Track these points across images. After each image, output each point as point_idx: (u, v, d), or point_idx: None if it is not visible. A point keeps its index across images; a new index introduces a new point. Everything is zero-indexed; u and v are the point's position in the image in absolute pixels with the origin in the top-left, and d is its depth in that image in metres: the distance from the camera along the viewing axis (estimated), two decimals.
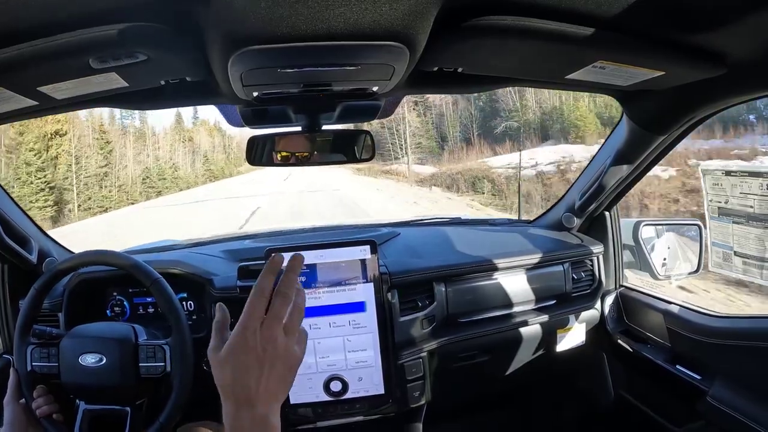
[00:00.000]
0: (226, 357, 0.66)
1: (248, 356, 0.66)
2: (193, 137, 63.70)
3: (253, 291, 0.69)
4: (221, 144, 71.92)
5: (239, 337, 0.67)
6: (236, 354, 0.66)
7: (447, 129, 39.48)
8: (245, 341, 0.66)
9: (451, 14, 0.74)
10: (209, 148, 68.60)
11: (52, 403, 1.19)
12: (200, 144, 65.92)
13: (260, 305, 0.69)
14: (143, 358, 1.21)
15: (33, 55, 0.74)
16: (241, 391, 0.64)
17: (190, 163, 61.70)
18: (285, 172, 35.11)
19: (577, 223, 1.80)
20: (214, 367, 0.67)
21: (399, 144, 38.02)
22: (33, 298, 1.22)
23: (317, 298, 1.34)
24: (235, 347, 0.66)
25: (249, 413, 0.63)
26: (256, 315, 0.68)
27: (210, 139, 69.57)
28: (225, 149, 73.61)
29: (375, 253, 1.36)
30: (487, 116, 37.18)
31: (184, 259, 1.53)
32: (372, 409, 1.40)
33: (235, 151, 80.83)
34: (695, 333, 1.39)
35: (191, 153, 62.69)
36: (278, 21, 0.68)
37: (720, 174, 1.29)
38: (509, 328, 1.61)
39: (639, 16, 0.78)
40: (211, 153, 68.68)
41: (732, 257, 1.29)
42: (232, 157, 75.39)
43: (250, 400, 0.64)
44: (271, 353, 0.66)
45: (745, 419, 1.22)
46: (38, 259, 1.51)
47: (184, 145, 61.03)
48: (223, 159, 71.06)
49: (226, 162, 70.77)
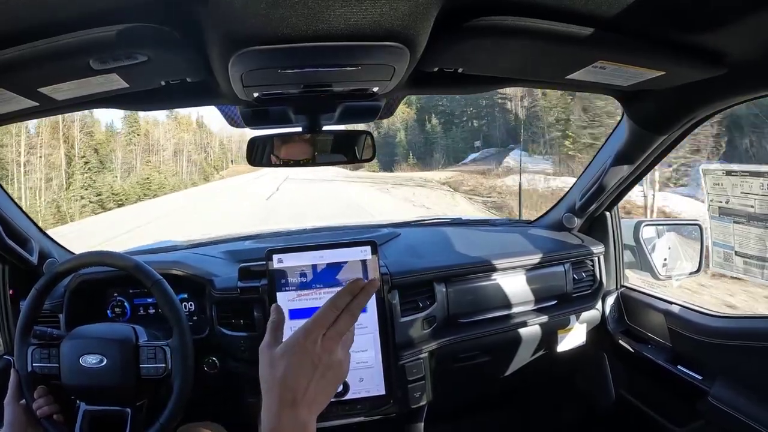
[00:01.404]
0: (281, 355, 0.68)
1: (304, 359, 0.67)
2: (149, 132, 54.46)
3: (328, 303, 0.72)
4: (200, 142, 65.31)
5: (301, 339, 0.69)
6: (293, 354, 0.68)
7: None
8: (305, 345, 0.68)
9: (452, 15, 0.74)
10: (192, 147, 62.91)
11: (53, 404, 1.19)
12: (171, 142, 59.71)
13: (330, 317, 0.71)
14: (144, 359, 1.21)
15: (33, 56, 0.74)
16: (288, 391, 0.65)
17: (157, 165, 53.78)
18: (272, 185, 30.34)
19: (578, 224, 1.80)
20: (266, 364, 0.69)
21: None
22: (34, 299, 1.22)
23: (318, 298, 1.34)
24: (293, 348, 0.68)
25: (291, 414, 0.64)
26: (323, 325, 0.70)
27: (187, 135, 62.35)
28: (204, 148, 67.52)
29: (376, 254, 1.36)
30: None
31: (184, 260, 1.53)
32: (373, 409, 1.40)
33: (216, 151, 74.08)
34: (696, 333, 1.39)
35: (159, 152, 55.38)
36: (279, 21, 0.68)
37: (721, 174, 1.29)
38: (510, 329, 1.61)
39: (639, 16, 0.78)
40: (188, 152, 61.89)
41: (733, 257, 1.29)
42: (212, 159, 69.16)
43: (295, 401, 0.65)
44: (326, 362, 0.68)
45: (746, 419, 1.22)
46: (39, 260, 1.51)
47: (146, 141, 53.26)
48: (202, 160, 65.21)
49: (205, 164, 64.96)
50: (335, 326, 0.71)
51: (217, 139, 76.85)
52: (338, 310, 0.72)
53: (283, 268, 1.34)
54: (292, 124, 1.32)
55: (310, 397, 0.66)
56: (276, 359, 0.68)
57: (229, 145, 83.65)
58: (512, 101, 39.40)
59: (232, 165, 79.77)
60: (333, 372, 0.69)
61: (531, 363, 1.75)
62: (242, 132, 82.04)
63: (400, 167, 45.22)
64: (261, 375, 0.69)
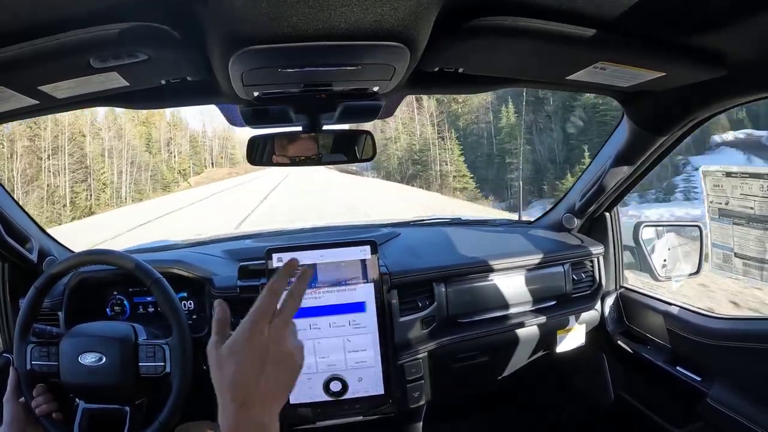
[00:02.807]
0: (228, 354, 0.65)
1: (252, 354, 0.64)
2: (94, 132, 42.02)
3: (265, 290, 0.67)
4: (157, 138, 53.33)
5: (246, 334, 0.65)
6: (240, 351, 0.64)
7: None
8: (251, 339, 0.65)
9: (452, 15, 0.75)
10: (141, 143, 49.60)
11: (52, 402, 1.19)
12: (134, 142, 48.21)
13: (272, 304, 0.67)
14: (143, 357, 1.21)
15: (34, 54, 0.74)
16: (240, 390, 0.63)
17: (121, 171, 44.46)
18: (255, 198, 24.19)
19: (578, 224, 1.80)
20: (214, 364, 0.65)
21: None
22: (33, 297, 1.22)
23: (317, 298, 1.34)
24: (239, 344, 0.65)
25: (245, 414, 0.62)
26: (266, 314, 0.66)
27: (133, 127, 49.12)
28: (168, 146, 56.25)
29: (375, 254, 1.36)
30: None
31: (184, 259, 1.53)
32: (372, 409, 1.40)
33: (187, 150, 60.85)
34: (695, 334, 1.39)
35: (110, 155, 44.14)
36: (279, 21, 0.68)
37: (720, 175, 1.29)
38: (509, 329, 1.61)
39: (639, 18, 0.78)
40: (150, 154, 50.61)
41: (732, 258, 1.29)
42: (177, 160, 57.38)
43: (247, 400, 0.62)
44: (275, 354, 0.65)
45: (745, 421, 1.22)
46: (39, 258, 1.51)
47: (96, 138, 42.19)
48: (161, 163, 52.31)
49: (165, 168, 53.13)
50: (280, 314, 0.67)
51: (188, 134, 63.60)
52: (278, 295, 0.67)
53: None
54: (292, 123, 1.32)
55: (264, 394, 0.63)
56: (223, 358, 0.65)
57: (206, 143, 71.25)
58: None
59: (212, 169, 69.50)
60: (285, 364, 0.67)
61: (530, 363, 1.75)
62: (227, 128, 70.20)
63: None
64: (213, 378, 0.65)
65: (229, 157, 76.55)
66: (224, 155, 75.75)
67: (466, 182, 43.29)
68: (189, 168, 61.70)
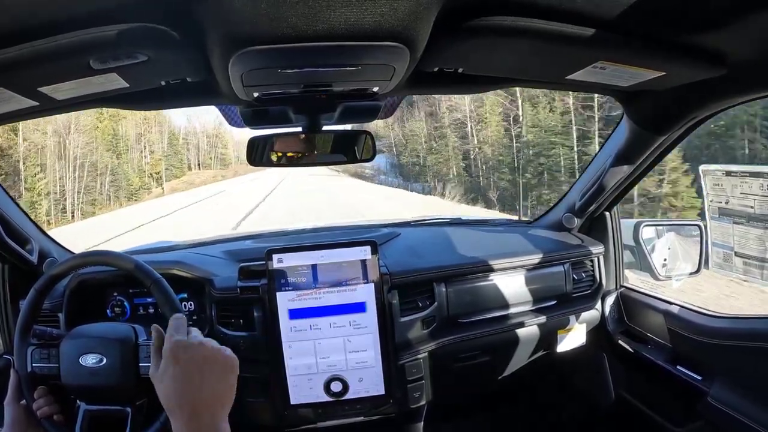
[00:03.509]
0: (162, 373, 0.68)
1: (184, 368, 0.67)
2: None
3: (173, 310, 0.75)
4: (125, 134, 41.42)
5: (170, 351, 0.69)
6: (171, 367, 0.67)
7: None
8: (176, 353, 0.68)
9: (452, 15, 0.74)
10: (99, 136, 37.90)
11: (53, 404, 1.19)
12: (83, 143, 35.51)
13: (184, 320, 0.74)
14: (143, 357, 1.20)
15: (33, 56, 0.74)
16: (185, 402, 0.65)
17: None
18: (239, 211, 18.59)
19: (578, 224, 1.80)
20: (157, 387, 0.69)
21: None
22: (33, 298, 1.22)
23: (318, 298, 1.34)
24: (169, 363, 0.68)
25: (198, 422, 0.64)
26: (181, 329, 0.72)
27: (124, 126, 40.57)
28: (139, 142, 44.39)
29: (375, 254, 1.36)
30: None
31: (184, 260, 1.53)
32: (372, 409, 1.41)
33: (164, 149, 49.84)
34: (696, 333, 1.39)
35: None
36: (279, 21, 0.68)
37: (720, 174, 1.29)
38: (509, 329, 1.61)
39: (639, 17, 0.78)
40: (114, 154, 39.85)
41: (732, 257, 1.29)
42: (150, 161, 45.50)
43: (196, 409, 0.65)
44: (206, 361, 0.68)
45: (745, 420, 1.22)
46: (39, 260, 1.50)
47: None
48: (124, 164, 41.08)
49: (136, 173, 42.71)
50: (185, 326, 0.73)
51: (166, 129, 51.96)
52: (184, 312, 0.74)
53: (283, 267, 1.34)
54: (292, 123, 1.32)
55: (209, 401, 0.66)
56: (160, 378, 0.68)
57: (191, 141, 59.06)
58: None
59: (196, 171, 58.36)
60: (220, 369, 0.69)
61: (530, 363, 1.75)
62: (218, 124, 63.12)
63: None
64: (161, 400, 0.69)
65: (219, 157, 65.98)
66: (214, 155, 64.70)
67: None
68: (162, 171, 49.32)
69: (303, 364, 1.35)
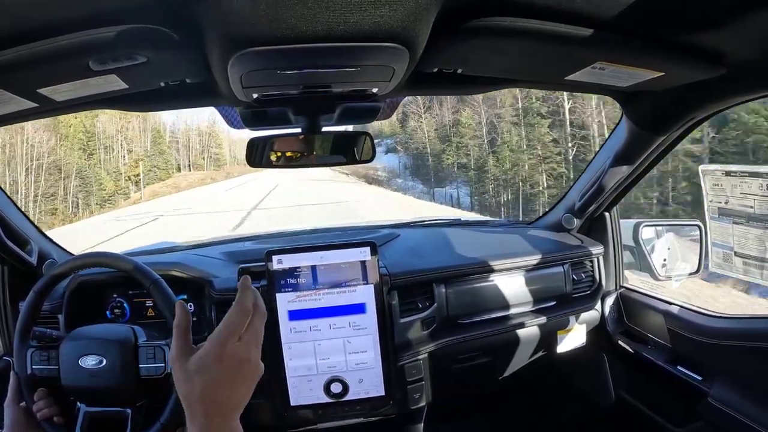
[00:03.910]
0: (197, 369, 0.65)
1: (224, 371, 0.65)
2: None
3: (237, 309, 0.68)
4: (116, 136, 38.50)
5: (217, 351, 0.66)
6: (210, 368, 0.65)
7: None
8: (221, 357, 0.65)
9: (451, 16, 0.75)
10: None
11: (53, 406, 1.19)
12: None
13: (243, 322, 0.68)
14: (143, 359, 1.20)
15: (32, 57, 0.74)
16: (212, 404, 0.64)
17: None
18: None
19: (577, 224, 1.80)
20: (181, 378, 0.66)
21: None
22: (32, 300, 1.22)
23: (317, 299, 1.34)
24: (209, 361, 0.65)
25: (220, 424, 0.64)
26: (237, 331, 0.67)
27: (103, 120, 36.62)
28: (116, 147, 39.72)
29: (375, 255, 1.36)
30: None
31: (184, 261, 1.53)
32: (372, 410, 1.40)
33: (148, 150, 45.22)
34: (696, 334, 1.39)
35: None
36: (278, 22, 0.68)
37: (720, 174, 1.29)
38: (509, 330, 1.61)
39: (638, 17, 0.78)
40: (85, 153, 35.38)
41: (732, 257, 1.29)
42: (111, 162, 39.53)
43: (221, 412, 0.64)
44: (245, 368, 0.67)
45: (746, 420, 1.22)
46: (38, 261, 1.51)
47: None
48: (111, 171, 37.31)
49: (110, 175, 38.29)
50: (250, 330, 0.69)
51: (150, 125, 46.25)
52: (248, 314, 0.69)
53: (283, 269, 1.34)
54: (291, 125, 1.32)
55: (234, 404, 0.65)
56: (192, 374, 0.65)
57: (179, 139, 54.57)
58: None
59: (185, 172, 53.70)
60: (252, 376, 0.68)
61: (530, 364, 1.75)
62: (213, 122, 59.71)
63: None
64: (179, 389, 0.66)
65: (213, 157, 60.85)
66: (207, 155, 59.45)
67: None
68: (142, 172, 44.30)
69: (303, 365, 1.35)
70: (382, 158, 53.83)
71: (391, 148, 56.56)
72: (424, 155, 41.48)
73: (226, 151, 63.64)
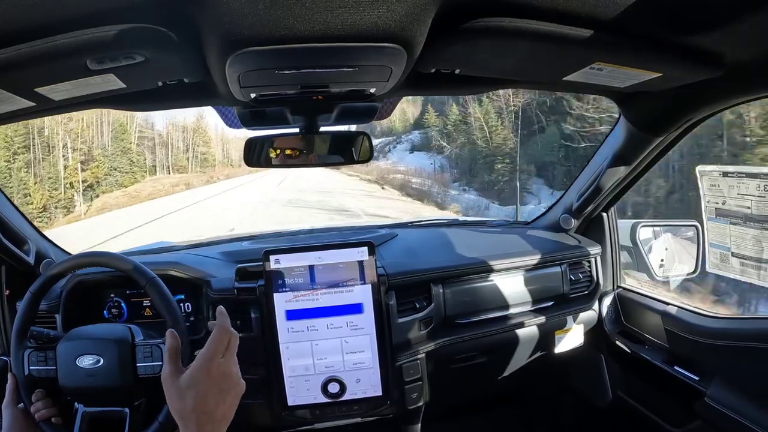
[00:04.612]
0: (188, 386, 0.75)
1: (212, 385, 0.75)
2: None
3: (220, 329, 0.80)
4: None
5: (204, 366, 0.76)
6: (201, 383, 0.75)
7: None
8: (209, 371, 0.76)
9: (449, 16, 0.75)
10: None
11: (51, 407, 1.18)
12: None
13: (225, 341, 0.80)
14: (140, 358, 1.20)
15: (30, 56, 0.74)
16: (204, 416, 0.72)
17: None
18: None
19: (575, 225, 1.81)
20: (174, 395, 0.75)
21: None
22: (29, 300, 1.22)
23: (315, 299, 1.34)
24: (199, 377, 0.76)
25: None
26: (220, 349, 0.78)
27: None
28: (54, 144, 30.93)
29: (373, 255, 1.36)
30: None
31: (181, 261, 1.53)
32: (370, 410, 1.40)
33: (110, 150, 36.12)
34: (693, 334, 1.39)
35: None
36: (276, 22, 0.68)
37: (717, 175, 1.29)
38: (507, 330, 1.61)
39: (636, 18, 0.78)
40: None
41: (729, 258, 1.29)
42: (69, 167, 31.01)
43: (211, 421, 0.73)
44: (229, 382, 0.77)
45: (743, 420, 1.22)
46: (35, 261, 1.50)
47: None
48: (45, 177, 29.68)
49: (49, 187, 29.80)
50: (231, 348, 0.81)
51: (110, 118, 36.73)
52: (229, 334, 0.81)
53: (281, 269, 1.34)
54: (289, 125, 1.32)
55: (221, 417, 0.74)
56: (183, 390, 0.75)
57: (146, 134, 43.42)
58: None
59: (163, 175, 43.47)
60: (236, 390, 0.79)
61: (528, 364, 1.75)
62: (201, 116, 50.91)
63: None
64: (171, 405, 0.75)
65: (199, 157, 50.55)
66: (192, 155, 49.62)
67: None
68: (100, 177, 34.63)
69: (300, 365, 1.35)
70: (406, 158, 41.28)
71: (416, 145, 43.11)
72: (478, 152, 29.31)
73: (215, 151, 54.21)
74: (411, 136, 46.64)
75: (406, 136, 47.26)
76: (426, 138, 41.81)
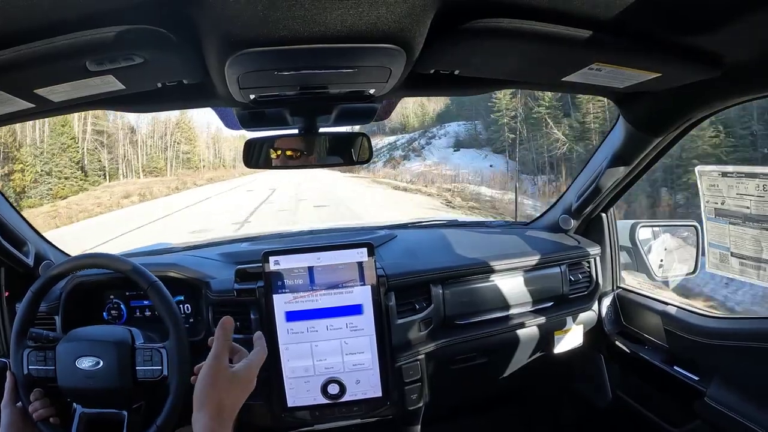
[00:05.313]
0: (236, 378, 0.85)
1: (252, 383, 0.87)
2: None
3: (222, 332, 0.89)
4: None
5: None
6: (247, 379, 0.86)
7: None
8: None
9: (448, 17, 0.75)
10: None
11: (49, 407, 1.18)
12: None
13: (228, 341, 0.90)
14: (140, 361, 1.20)
15: (29, 58, 0.74)
16: (215, 408, 0.80)
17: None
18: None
19: (574, 225, 1.81)
20: (225, 381, 0.84)
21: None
22: (29, 301, 1.22)
23: (314, 300, 1.34)
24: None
25: (219, 423, 0.79)
26: (226, 347, 0.88)
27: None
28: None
29: (372, 256, 1.36)
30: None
31: (181, 262, 1.53)
32: (370, 411, 1.40)
33: (50, 148, 28.95)
34: (692, 334, 1.39)
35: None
36: (275, 23, 0.68)
37: (716, 175, 1.29)
38: (507, 330, 1.61)
39: (635, 18, 0.78)
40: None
41: (729, 258, 1.29)
42: None
43: (220, 414, 0.79)
44: (237, 378, 0.85)
45: (742, 419, 1.22)
46: (35, 262, 1.50)
47: None
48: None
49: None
50: (236, 346, 0.94)
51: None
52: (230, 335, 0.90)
53: (280, 270, 1.34)
54: (288, 126, 1.32)
55: (230, 407, 0.82)
56: (228, 380, 0.84)
57: (106, 129, 36.04)
58: None
59: (122, 180, 36.32)
60: (244, 385, 0.86)
61: (528, 364, 1.75)
62: (181, 111, 44.05)
63: None
64: (202, 389, 0.82)
65: (181, 157, 43.68)
66: (172, 154, 42.80)
67: None
68: (27, 185, 28.14)
69: (300, 367, 1.35)
70: (451, 158, 33.50)
71: (464, 140, 34.79)
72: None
73: (201, 150, 47.03)
74: (448, 128, 38.08)
75: (439, 130, 38.76)
76: (473, 130, 34.54)
